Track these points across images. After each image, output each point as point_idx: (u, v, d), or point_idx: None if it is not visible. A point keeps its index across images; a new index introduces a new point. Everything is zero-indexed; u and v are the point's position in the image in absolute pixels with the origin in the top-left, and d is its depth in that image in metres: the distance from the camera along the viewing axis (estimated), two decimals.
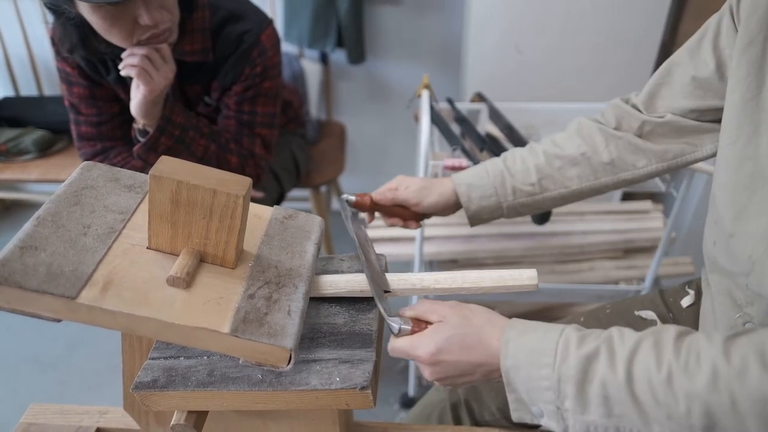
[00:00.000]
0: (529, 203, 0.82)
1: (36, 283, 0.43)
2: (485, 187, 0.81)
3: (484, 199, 0.81)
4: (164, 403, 0.52)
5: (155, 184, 0.45)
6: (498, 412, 0.84)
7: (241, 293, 0.48)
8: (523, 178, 0.80)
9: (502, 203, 0.81)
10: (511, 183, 0.80)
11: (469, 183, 0.81)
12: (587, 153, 0.78)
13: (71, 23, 0.97)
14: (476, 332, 0.55)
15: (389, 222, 0.87)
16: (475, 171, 0.83)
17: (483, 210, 0.82)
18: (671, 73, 0.73)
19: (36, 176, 1.58)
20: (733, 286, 0.62)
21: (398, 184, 0.84)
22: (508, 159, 0.82)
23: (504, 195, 0.81)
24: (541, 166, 0.79)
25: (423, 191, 0.82)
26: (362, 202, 0.83)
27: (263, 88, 1.16)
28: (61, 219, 0.48)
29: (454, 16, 1.80)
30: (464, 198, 0.81)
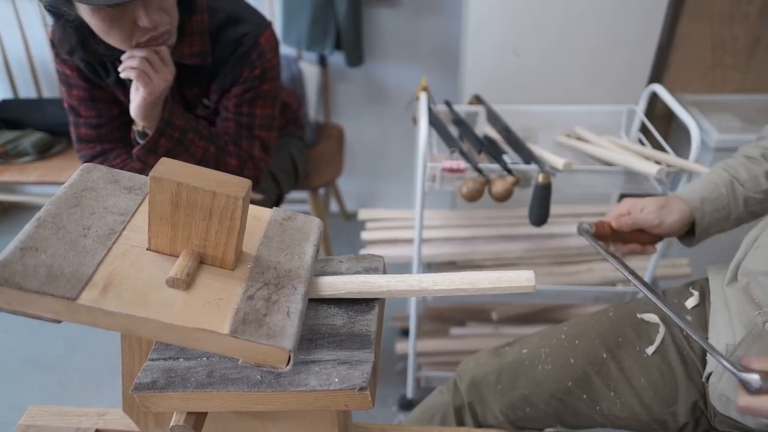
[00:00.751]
0: (757, 211, 0.82)
1: (36, 285, 0.43)
2: (718, 199, 0.80)
3: (717, 211, 0.80)
4: (164, 404, 0.52)
5: (155, 185, 0.45)
6: (501, 415, 0.84)
7: (240, 294, 0.48)
8: (754, 187, 0.80)
9: (731, 214, 0.81)
10: (742, 193, 0.80)
11: (701, 197, 0.81)
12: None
13: (71, 25, 0.97)
14: None
15: (626, 249, 0.85)
16: (702, 185, 0.82)
17: (713, 223, 0.81)
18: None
19: (35, 178, 1.58)
20: (752, 285, 0.62)
21: (630, 207, 0.83)
22: (730, 168, 0.82)
23: (735, 206, 0.80)
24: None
25: (663, 210, 0.81)
26: (602, 231, 0.81)
27: (262, 90, 1.17)
28: (61, 220, 0.49)
29: (452, 18, 1.81)
30: (698, 213, 0.80)
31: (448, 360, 1.46)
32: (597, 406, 0.79)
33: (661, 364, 0.76)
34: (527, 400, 0.82)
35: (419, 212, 1.15)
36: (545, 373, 0.82)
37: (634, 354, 0.79)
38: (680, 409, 0.74)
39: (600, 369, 0.79)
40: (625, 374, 0.78)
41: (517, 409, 0.83)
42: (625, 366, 0.78)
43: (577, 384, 0.80)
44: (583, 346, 0.82)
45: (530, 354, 0.84)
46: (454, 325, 1.49)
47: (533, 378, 0.82)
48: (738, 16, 1.63)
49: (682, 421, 0.75)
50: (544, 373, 0.82)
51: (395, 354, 1.53)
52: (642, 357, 0.78)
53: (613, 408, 0.78)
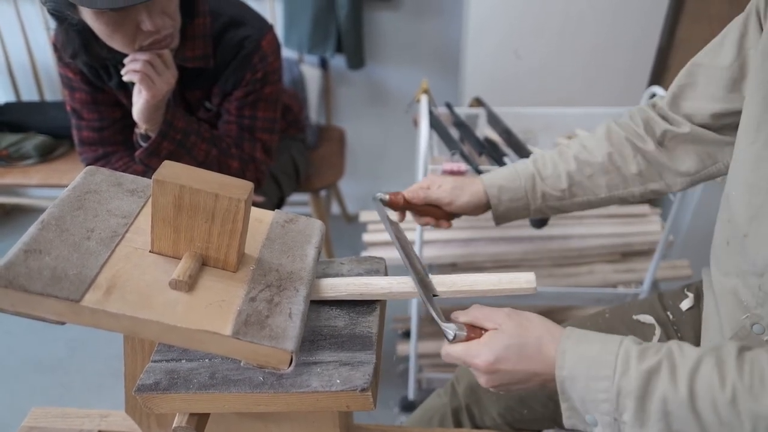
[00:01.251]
0: (556, 206, 0.83)
1: (40, 287, 0.43)
2: (516, 189, 0.81)
3: (514, 201, 0.82)
4: (166, 405, 0.52)
5: (158, 188, 0.46)
6: (499, 417, 0.84)
7: (242, 296, 0.48)
8: (554, 184, 0.81)
9: (529, 205, 0.82)
10: (541, 187, 0.81)
11: (500, 185, 0.82)
12: (617, 162, 0.79)
13: (74, 29, 0.97)
14: (535, 342, 0.55)
15: (421, 221, 0.87)
16: (506, 173, 0.83)
17: (510, 211, 0.83)
18: (694, 74, 0.73)
19: (37, 181, 1.58)
20: (740, 287, 0.62)
21: (430, 183, 0.85)
22: (538, 161, 0.83)
23: (533, 198, 0.81)
24: (572, 173, 0.80)
25: (456, 191, 0.83)
26: (395, 200, 0.83)
27: (264, 93, 1.17)
28: (65, 223, 0.49)
29: (452, 21, 1.81)
30: (494, 200, 0.82)
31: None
32: None
33: None
34: (524, 402, 0.82)
35: None
36: None
37: None
38: None
39: None
40: None
41: (514, 411, 0.83)
42: None
43: None
44: None
45: None
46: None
47: None
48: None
49: None
50: None
51: (396, 355, 1.53)
52: None
53: None
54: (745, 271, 0.61)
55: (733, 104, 0.69)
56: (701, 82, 0.72)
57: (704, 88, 0.72)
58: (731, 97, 0.69)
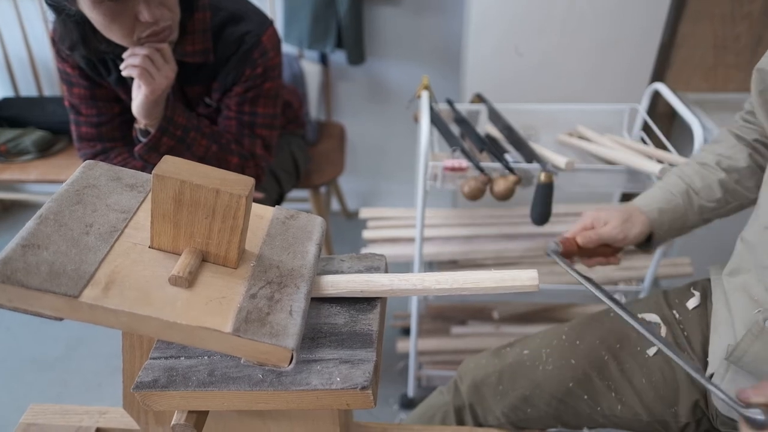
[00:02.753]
0: (711, 217, 0.83)
1: (38, 282, 0.43)
2: (675, 210, 0.81)
3: (674, 221, 0.82)
4: (165, 402, 0.52)
5: (158, 183, 0.45)
6: (502, 416, 0.84)
7: (243, 293, 0.48)
8: (708, 195, 0.81)
9: (687, 223, 0.82)
10: (697, 202, 0.81)
11: (659, 208, 0.82)
12: (759, 161, 0.80)
13: (71, 20, 0.97)
14: None
15: (591, 263, 0.86)
16: (659, 195, 0.83)
17: (670, 232, 0.83)
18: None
19: (35, 177, 1.58)
20: (751, 282, 0.62)
21: (593, 221, 0.83)
22: (685, 177, 0.83)
23: (691, 214, 0.81)
24: (724, 181, 0.80)
25: (626, 224, 0.81)
26: (569, 248, 0.82)
27: (264, 89, 1.17)
28: (63, 217, 0.48)
29: (453, 17, 1.81)
30: (657, 224, 0.82)
31: (449, 359, 1.46)
32: (598, 407, 0.79)
33: (662, 364, 0.76)
34: (528, 401, 0.82)
35: (421, 211, 1.15)
36: (546, 373, 0.81)
37: (635, 354, 0.78)
38: (681, 410, 0.74)
39: (601, 369, 0.79)
40: (626, 375, 0.78)
41: (518, 409, 0.83)
42: (626, 366, 0.78)
43: (578, 384, 0.79)
44: (584, 346, 0.81)
45: (531, 355, 0.84)
46: (455, 323, 1.49)
47: (534, 379, 0.82)
48: (740, 15, 1.63)
49: (684, 421, 0.75)
50: (545, 373, 0.81)
51: (396, 353, 1.53)
52: (643, 357, 0.78)
53: (614, 408, 0.78)
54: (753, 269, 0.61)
55: None
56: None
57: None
58: None
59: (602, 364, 0.79)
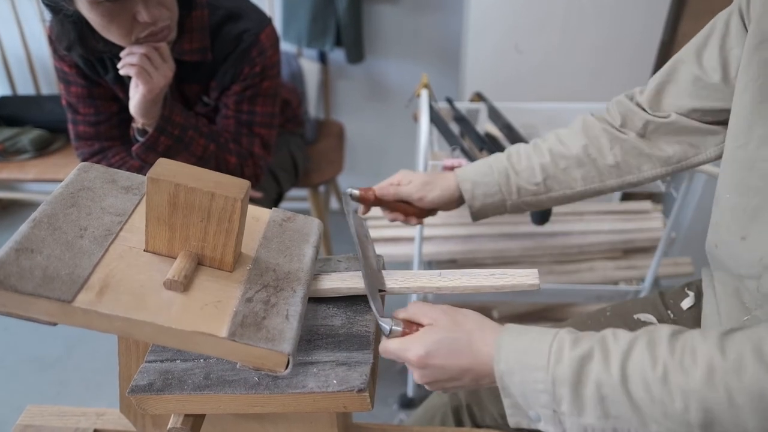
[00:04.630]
0: (532, 202, 0.81)
1: (32, 287, 0.42)
2: (490, 184, 0.80)
3: (488, 196, 0.80)
4: (161, 406, 0.52)
5: (153, 186, 0.45)
6: (500, 417, 0.83)
7: (238, 297, 0.47)
8: (528, 177, 0.79)
9: (505, 201, 0.81)
10: (515, 181, 0.79)
11: (473, 180, 0.81)
12: (593, 154, 0.78)
13: (69, 20, 0.96)
14: (466, 337, 0.54)
15: (390, 216, 0.86)
16: (478, 167, 0.82)
17: (486, 207, 0.82)
18: (677, 70, 0.72)
19: (33, 176, 1.57)
20: (741, 288, 0.61)
21: (401, 178, 0.84)
22: (512, 156, 0.81)
23: (508, 193, 0.80)
24: (547, 166, 0.79)
25: (426, 186, 0.82)
26: (366, 197, 0.83)
27: (262, 87, 1.16)
28: (57, 221, 0.48)
29: (453, 15, 1.80)
30: (468, 195, 0.81)
31: None
32: None
33: None
34: None
35: None
36: None
37: None
38: None
39: None
40: None
41: None
42: None
43: None
44: None
45: None
46: None
47: None
48: None
49: None
50: None
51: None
52: None
53: None
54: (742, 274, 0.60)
55: (715, 103, 0.68)
56: (683, 79, 0.71)
57: (686, 85, 0.71)
58: (713, 96, 0.68)
59: None
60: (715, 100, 0.68)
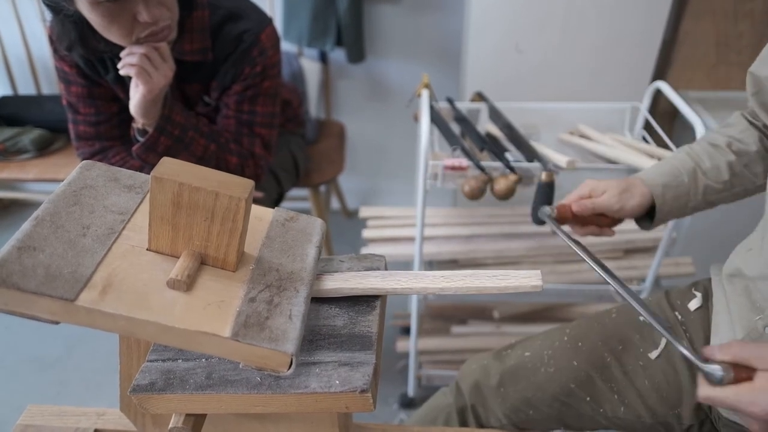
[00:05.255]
0: (713, 200, 0.80)
1: (34, 285, 0.42)
2: (679, 186, 0.78)
3: (677, 199, 0.79)
4: (162, 406, 0.51)
5: (156, 185, 0.44)
6: (504, 417, 0.83)
7: (242, 297, 0.47)
8: (716, 176, 0.78)
9: (689, 202, 0.79)
10: (703, 182, 0.78)
11: (663, 183, 0.79)
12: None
13: (69, 20, 0.96)
14: None
15: (583, 232, 0.83)
16: (666, 170, 0.80)
17: (673, 210, 0.80)
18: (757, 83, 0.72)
19: (34, 175, 1.57)
20: (753, 289, 0.61)
21: (591, 190, 0.81)
22: (694, 155, 0.80)
23: (695, 194, 0.79)
24: (733, 164, 0.78)
25: (624, 195, 0.79)
26: (563, 214, 0.80)
27: (263, 87, 1.16)
28: (60, 219, 0.48)
29: (453, 15, 1.80)
30: (659, 200, 0.79)
31: (450, 358, 1.46)
32: (600, 409, 0.78)
33: (665, 366, 0.76)
34: (530, 403, 0.81)
35: (421, 210, 1.14)
36: (548, 375, 0.81)
37: (638, 356, 0.78)
38: (685, 412, 0.74)
39: (603, 371, 0.79)
40: (629, 377, 0.77)
41: (520, 411, 0.82)
42: (628, 369, 0.78)
43: (580, 386, 0.79)
44: (585, 348, 0.81)
45: (532, 357, 0.84)
46: (455, 323, 1.48)
47: (536, 381, 0.82)
48: (742, 12, 1.62)
49: (687, 423, 0.74)
50: (547, 375, 0.81)
51: (396, 352, 1.53)
52: (646, 359, 0.77)
53: (616, 410, 0.77)
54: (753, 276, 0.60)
55: None
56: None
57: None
58: None
59: (604, 365, 0.79)
60: None
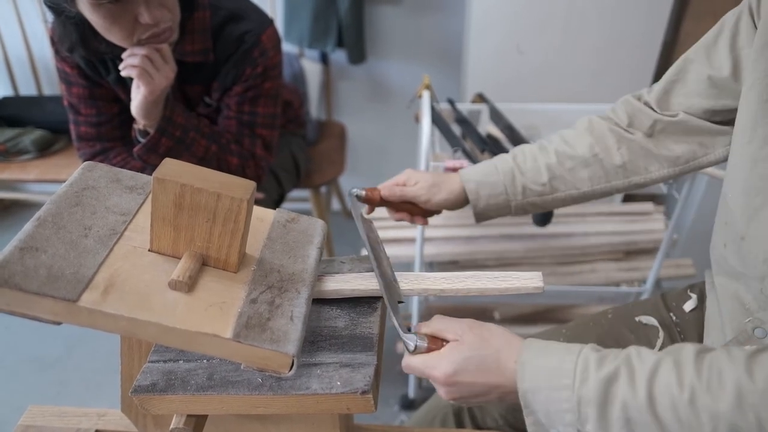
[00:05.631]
0: (537, 203, 0.80)
1: (36, 286, 0.42)
2: (495, 185, 0.79)
3: (493, 197, 0.80)
4: (163, 406, 0.52)
5: (158, 186, 0.45)
6: (501, 418, 0.83)
7: (243, 298, 0.47)
8: (534, 178, 0.79)
9: (510, 202, 0.80)
10: (521, 182, 0.79)
11: (478, 180, 0.80)
12: (599, 154, 0.77)
13: (71, 22, 0.96)
14: (494, 354, 0.53)
15: (396, 216, 0.86)
16: (484, 168, 0.81)
17: (490, 208, 0.81)
18: (686, 70, 0.72)
19: (35, 176, 1.57)
20: (742, 290, 0.61)
21: (406, 179, 0.83)
22: (518, 156, 0.81)
23: (513, 194, 0.79)
24: (553, 166, 0.78)
25: (432, 188, 0.81)
26: (372, 197, 0.82)
27: (264, 88, 1.16)
28: (62, 220, 0.48)
29: (454, 16, 1.80)
30: (473, 195, 0.80)
31: None
32: None
33: None
34: None
35: None
36: None
37: None
38: None
39: None
40: None
41: (516, 412, 0.82)
42: None
43: None
44: None
45: None
46: None
47: None
48: None
49: None
50: None
51: (397, 353, 1.53)
52: None
53: None
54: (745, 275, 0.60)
55: (725, 102, 0.68)
56: (692, 79, 0.71)
57: (695, 85, 0.70)
58: (723, 95, 0.68)
59: None
60: (725, 99, 0.67)
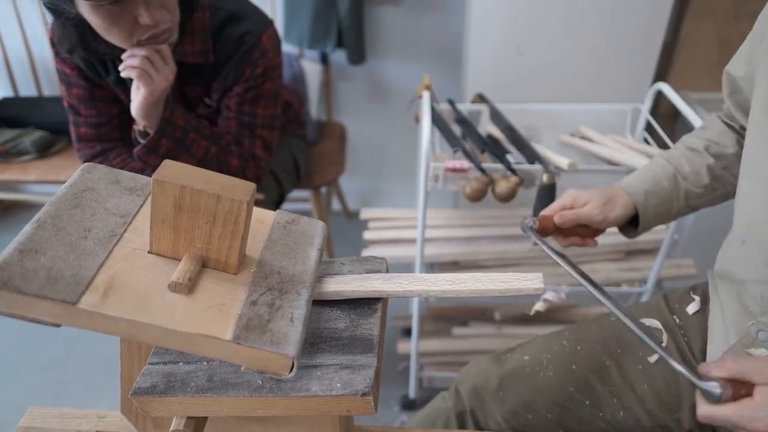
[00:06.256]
0: (695, 204, 0.80)
1: (36, 288, 0.42)
2: (661, 193, 0.78)
3: (660, 206, 0.79)
4: (163, 408, 0.51)
5: (158, 188, 0.44)
6: (503, 421, 0.83)
7: (243, 300, 0.47)
8: (696, 181, 0.78)
9: (672, 208, 0.79)
10: (684, 187, 0.78)
11: (645, 191, 0.78)
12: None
13: (71, 23, 0.96)
14: None
15: (566, 243, 0.83)
16: (645, 177, 0.80)
17: (656, 216, 0.79)
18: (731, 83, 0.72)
19: (35, 177, 1.57)
20: (744, 294, 0.61)
21: (572, 201, 0.80)
22: (673, 161, 0.80)
23: (677, 199, 0.78)
24: (712, 167, 0.78)
25: (607, 206, 0.78)
26: (546, 226, 0.79)
27: (264, 89, 1.16)
28: (61, 222, 0.48)
29: (455, 16, 1.80)
30: (641, 208, 0.78)
31: (451, 360, 1.45)
32: (600, 413, 0.78)
33: (664, 370, 0.75)
34: (529, 407, 0.81)
35: (422, 212, 1.14)
36: (547, 379, 0.81)
37: (637, 360, 0.78)
38: (684, 416, 0.74)
39: (602, 375, 0.78)
40: (628, 380, 0.77)
41: (519, 415, 0.82)
42: (627, 372, 0.77)
43: (580, 390, 0.79)
44: (584, 352, 0.81)
45: (531, 360, 0.84)
46: (456, 324, 1.48)
47: (535, 385, 0.81)
48: (743, 13, 1.62)
49: (687, 427, 0.74)
50: (546, 379, 0.81)
51: (397, 354, 1.53)
52: (645, 363, 0.77)
53: (616, 414, 0.77)
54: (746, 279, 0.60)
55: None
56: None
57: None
58: None
59: (603, 369, 0.78)
60: None
